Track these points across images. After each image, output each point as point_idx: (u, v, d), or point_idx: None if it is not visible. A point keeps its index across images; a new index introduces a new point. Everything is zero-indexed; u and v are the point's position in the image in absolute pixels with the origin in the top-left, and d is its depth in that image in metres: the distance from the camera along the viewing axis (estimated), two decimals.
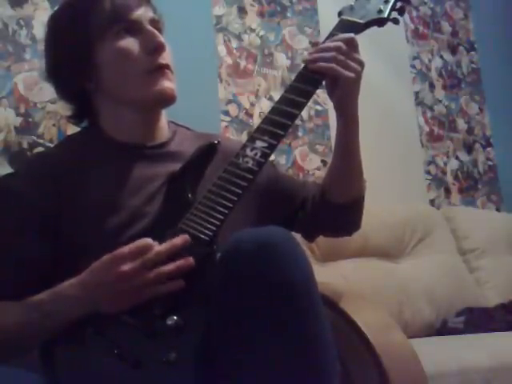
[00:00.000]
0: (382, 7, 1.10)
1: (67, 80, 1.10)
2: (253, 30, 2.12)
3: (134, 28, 1.06)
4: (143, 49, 1.06)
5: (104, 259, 0.88)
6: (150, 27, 1.07)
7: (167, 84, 1.06)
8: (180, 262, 0.87)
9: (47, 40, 1.11)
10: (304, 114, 2.14)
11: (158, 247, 0.89)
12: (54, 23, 1.11)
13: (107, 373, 0.84)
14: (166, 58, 1.08)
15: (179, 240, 0.89)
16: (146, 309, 0.87)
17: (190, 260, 0.87)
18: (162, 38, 1.07)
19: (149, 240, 0.89)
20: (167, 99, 1.07)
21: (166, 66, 1.07)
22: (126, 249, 0.88)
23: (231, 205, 0.92)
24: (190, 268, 0.87)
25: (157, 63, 1.06)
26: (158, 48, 1.06)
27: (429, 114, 2.56)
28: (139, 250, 0.88)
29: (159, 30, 1.10)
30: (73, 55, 1.07)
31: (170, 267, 0.87)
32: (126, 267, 0.86)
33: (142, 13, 1.07)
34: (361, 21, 1.10)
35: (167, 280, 0.87)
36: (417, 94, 2.54)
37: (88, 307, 0.89)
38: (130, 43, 1.06)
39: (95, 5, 1.06)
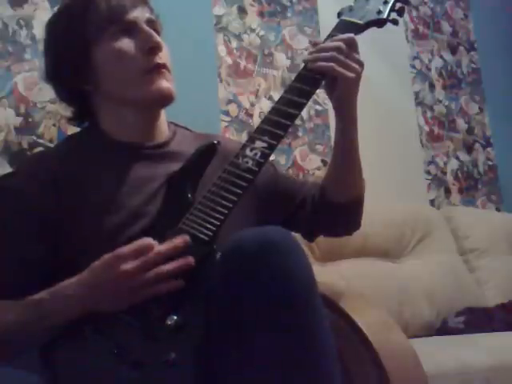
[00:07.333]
0: (381, 8, 1.10)
1: (66, 82, 1.11)
2: (253, 30, 2.12)
3: (130, 29, 1.07)
4: (140, 49, 1.06)
5: (104, 258, 0.88)
6: (146, 27, 1.07)
7: (164, 83, 1.06)
8: (180, 262, 0.87)
9: (46, 43, 1.12)
10: (304, 113, 2.14)
11: (159, 247, 0.88)
12: (52, 27, 1.12)
13: (106, 373, 0.84)
14: (163, 57, 1.08)
15: (179, 240, 0.89)
16: (145, 309, 0.87)
17: (190, 259, 0.87)
18: (158, 38, 1.08)
19: (149, 240, 0.89)
20: (165, 99, 1.07)
21: (163, 66, 1.07)
22: (126, 248, 0.88)
23: (231, 205, 0.92)
24: (189, 267, 0.87)
25: (153, 63, 1.06)
26: (155, 48, 1.06)
27: (429, 114, 2.56)
28: (140, 250, 0.88)
29: (156, 31, 1.10)
30: (70, 58, 1.07)
31: (169, 267, 0.87)
32: (126, 266, 0.86)
33: (138, 13, 1.08)
34: (360, 21, 1.10)
35: (167, 279, 0.87)
36: (417, 94, 2.54)
37: (87, 306, 0.89)
38: (126, 44, 1.06)
39: (91, 7, 1.06)
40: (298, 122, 2.08)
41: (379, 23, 1.11)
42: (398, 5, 1.12)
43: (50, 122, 1.57)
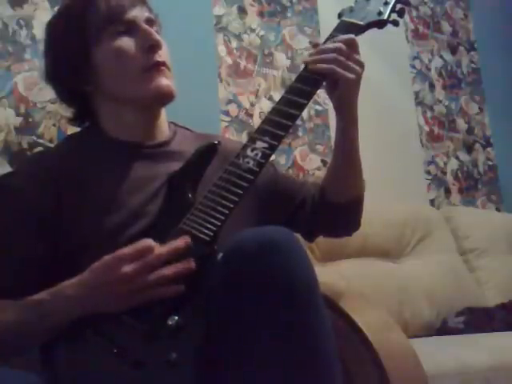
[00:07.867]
0: (381, 9, 1.11)
1: (66, 83, 1.11)
2: (253, 30, 2.11)
3: (129, 28, 1.07)
4: (139, 47, 1.06)
5: (105, 260, 0.88)
6: (145, 26, 1.08)
7: (164, 81, 1.06)
8: (180, 266, 0.87)
9: (46, 44, 1.12)
10: (304, 113, 2.13)
11: (159, 249, 0.88)
12: (52, 27, 1.12)
13: (107, 373, 0.84)
14: (163, 55, 1.08)
15: (180, 242, 0.89)
16: (146, 309, 0.87)
17: (191, 263, 0.87)
18: (157, 36, 1.08)
19: (150, 241, 0.89)
20: (165, 96, 1.08)
21: (163, 64, 1.07)
22: (126, 250, 0.88)
23: (232, 205, 0.92)
24: (190, 272, 0.87)
25: (153, 61, 1.06)
26: (154, 45, 1.07)
27: (429, 114, 2.56)
28: (140, 252, 0.87)
29: (156, 30, 1.10)
30: (70, 58, 1.08)
31: (170, 270, 0.87)
32: (127, 269, 0.86)
33: (137, 13, 1.08)
34: (361, 22, 1.11)
35: (167, 282, 0.87)
36: (417, 93, 2.54)
37: (87, 307, 0.89)
38: (126, 42, 1.06)
39: (91, 7, 1.06)
40: (298, 121, 2.08)
41: (380, 24, 1.11)
42: (399, 6, 1.12)
43: (50, 121, 1.57)
